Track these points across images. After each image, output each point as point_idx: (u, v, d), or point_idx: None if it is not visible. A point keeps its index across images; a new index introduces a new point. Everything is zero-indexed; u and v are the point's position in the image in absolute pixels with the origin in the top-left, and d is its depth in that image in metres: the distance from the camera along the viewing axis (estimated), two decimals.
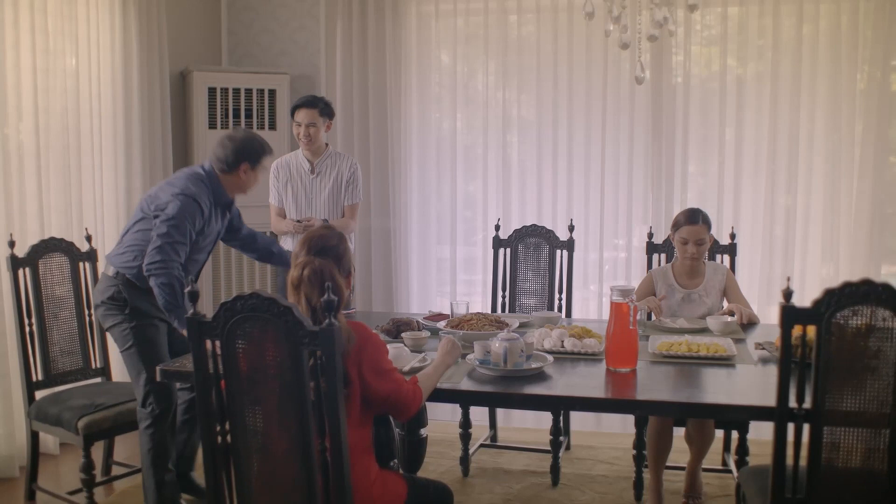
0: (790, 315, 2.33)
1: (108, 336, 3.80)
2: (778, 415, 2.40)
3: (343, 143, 6.01)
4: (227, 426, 2.26)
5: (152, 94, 5.31)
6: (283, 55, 6.15)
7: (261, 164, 3.65)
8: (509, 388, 2.71)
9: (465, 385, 2.75)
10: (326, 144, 4.80)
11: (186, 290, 2.23)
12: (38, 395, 3.85)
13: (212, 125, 5.67)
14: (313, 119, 4.65)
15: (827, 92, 5.29)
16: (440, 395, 2.71)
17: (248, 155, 3.60)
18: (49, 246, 3.97)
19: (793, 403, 2.39)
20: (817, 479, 2.42)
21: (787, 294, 2.35)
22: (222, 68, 5.97)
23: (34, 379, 3.83)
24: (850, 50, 5.23)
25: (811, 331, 2.37)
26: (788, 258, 5.38)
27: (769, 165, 5.40)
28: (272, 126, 5.84)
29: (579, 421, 4.92)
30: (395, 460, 3.30)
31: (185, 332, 3.07)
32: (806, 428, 2.40)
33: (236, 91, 5.72)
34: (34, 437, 3.84)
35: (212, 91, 5.66)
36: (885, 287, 2.28)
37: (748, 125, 5.45)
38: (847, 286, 2.29)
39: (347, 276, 2.55)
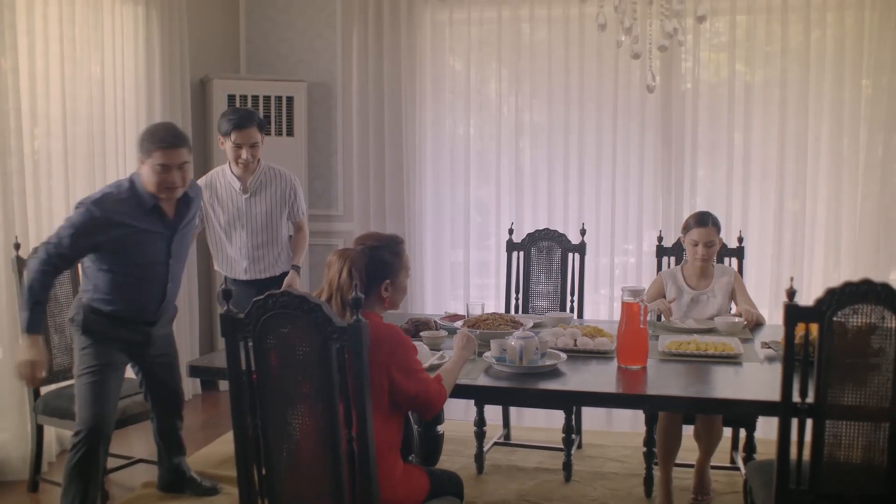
0: (793, 313, 2.45)
1: None
2: (782, 409, 2.51)
3: (359, 150, 6.15)
4: (258, 419, 2.38)
5: (174, 101, 5.46)
6: (300, 63, 6.29)
7: (151, 157, 3.38)
8: (525, 384, 2.83)
9: (483, 381, 2.88)
10: (258, 160, 4.34)
11: (220, 287, 2.36)
12: (42, 391, 4.01)
13: None
14: (254, 138, 4.21)
15: (834, 98, 5.40)
16: (459, 391, 2.83)
17: (140, 147, 3.44)
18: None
19: (796, 399, 2.51)
20: (820, 471, 2.53)
21: (791, 293, 2.46)
22: (241, 76, 6.12)
23: None
24: (855, 57, 5.34)
25: (814, 329, 2.49)
26: (796, 262, 5.50)
27: (777, 170, 5.51)
28: (290, 132, 5.98)
29: (590, 420, 5.03)
30: (413, 455, 3.42)
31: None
32: (809, 424, 2.52)
33: (255, 98, 5.87)
34: (39, 431, 4.03)
35: (231, 98, 5.80)
36: (884, 286, 2.39)
37: (756, 130, 5.56)
38: (847, 285, 2.40)
39: (388, 281, 2.65)
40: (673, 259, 4.48)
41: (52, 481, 4.09)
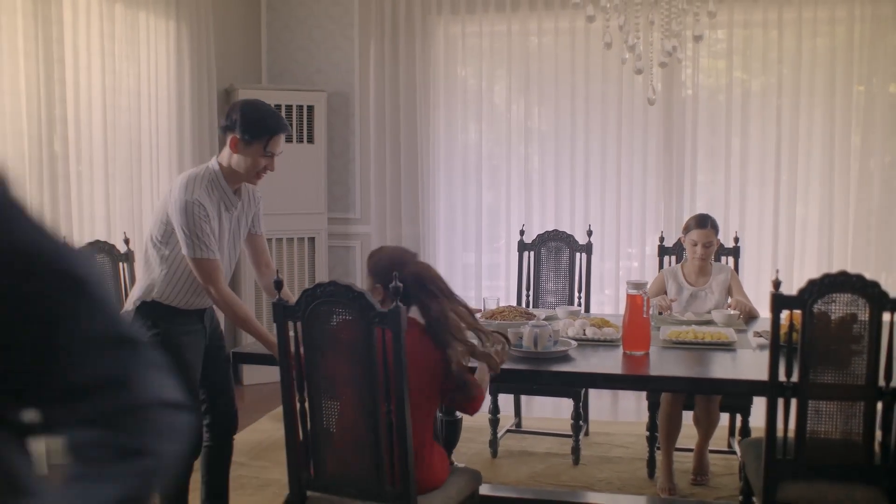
0: (779, 301, 2.76)
1: None
2: (769, 388, 2.83)
3: (375, 156, 6.47)
4: (305, 397, 2.70)
5: (201, 109, 5.79)
6: (319, 73, 6.62)
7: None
8: (540, 367, 3.15)
9: (502, 365, 3.19)
10: None
11: (274, 278, 2.69)
12: None
13: None
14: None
15: (828, 104, 5.72)
16: None
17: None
18: (94, 247, 4.44)
19: (783, 378, 2.82)
20: (803, 444, 2.84)
21: (776, 283, 2.78)
22: (264, 86, 6.45)
23: None
24: (846, 66, 5.66)
25: (797, 317, 2.81)
26: (791, 262, 5.81)
27: (773, 174, 5.83)
28: (310, 140, 6.29)
29: (596, 411, 5.35)
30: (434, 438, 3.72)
31: None
32: (794, 403, 2.83)
33: (277, 107, 6.16)
34: None
35: None
36: (859, 277, 2.70)
37: (753, 136, 5.89)
38: (826, 276, 2.72)
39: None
40: (674, 258, 4.79)
41: None
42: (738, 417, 4.27)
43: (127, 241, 4.62)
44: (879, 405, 2.81)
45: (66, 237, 1.01)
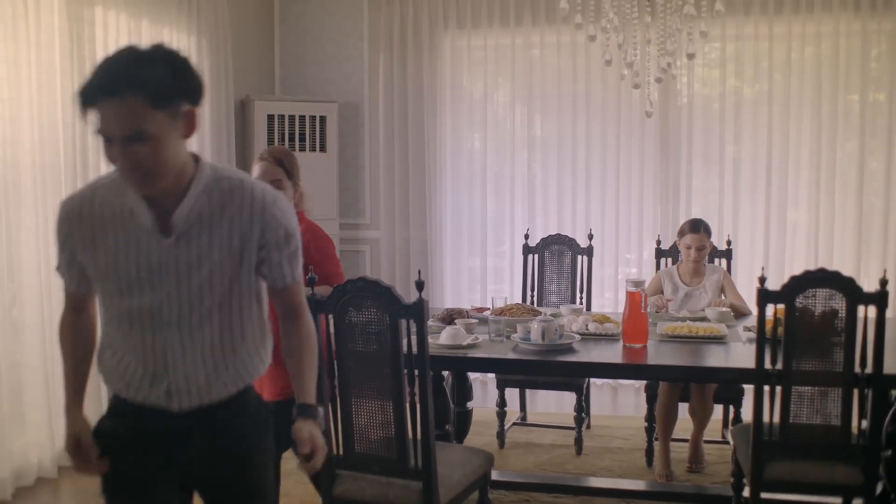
0: (764, 296, 3.05)
1: None
2: (756, 375, 3.11)
3: (384, 164, 6.76)
4: (336, 381, 2.98)
5: (220, 120, 6.07)
6: (330, 84, 6.91)
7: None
8: (547, 358, 3.44)
9: (512, 356, 3.48)
10: None
11: (307, 275, 2.96)
12: None
13: None
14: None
15: (816, 113, 6.02)
16: (493, 364, 3.45)
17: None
18: None
19: (768, 366, 3.11)
20: (787, 426, 3.12)
21: (762, 280, 3.07)
22: (279, 97, 6.74)
23: None
24: (833, 76, 5.97)
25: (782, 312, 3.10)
26: (781, 263, 6.10)
27: (765, 179, 6.13)
28: (322, 149, 6.58)
29: (598, 405, 5.64)
30: (449, 426, 4.00)
31: None
32: (779, 391, 3.12)
33: (291, 118, 6.48)
34: None
35: (270, 118, 6.41)
36: (836, 274, 3.00)
37: (746, 142, 6.19)
38: (807, 273, 3.01)
39: None
40: (670, 260, 5.07)
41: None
42: (731, 409, 4.56)
43: None
44: (856, 391, 3.11)
45: None
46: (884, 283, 3.00)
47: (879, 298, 2.99)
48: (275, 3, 6.99)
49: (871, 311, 3.02)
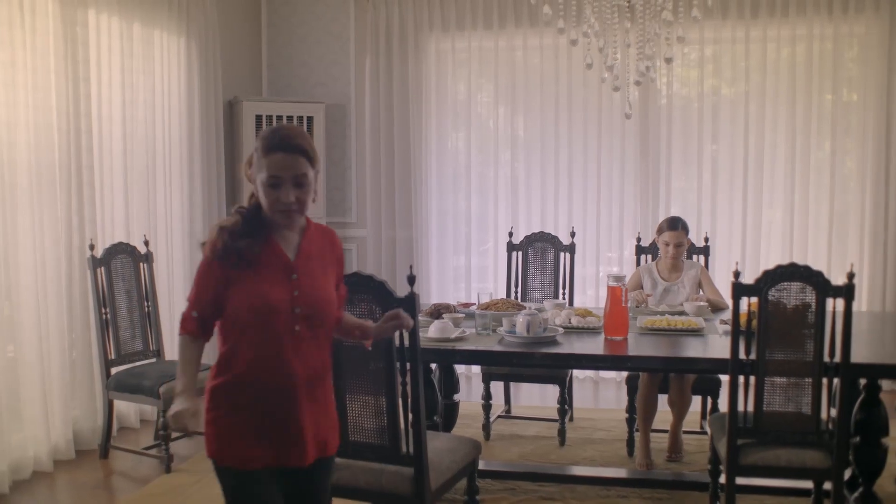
0: (738, 289, 3.21)
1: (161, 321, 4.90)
2: (731, 365, 3.27)
3: (371, 164, 6.90)
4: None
5: (209, 120, 6.18)
6: (318, 86, 7.03)
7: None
8: (531, 350, 3.58)
9: (498, 348, 3.62)
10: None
11: None
12: (112, 370, 4.76)
13: None
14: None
15: (790, 114, 6.21)
16: (480, 357, 3.58)
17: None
18: (118, 249, 4.87)
19: (742, 356, 3.26)
20: (761, 413, 3.28)
21: (736, 274, 3.22)
22: (267, 98, 6.86)
23: (109, 357, 4.76)
24: (807, 78, 6.15)
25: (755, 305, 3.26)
26: (756, 259, 6.28)
27: (742, 179, 6.31)
28: None
29: (580, 399, 5.80)
30: (437, 417, 4.14)
31: None
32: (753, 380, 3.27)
33: (279, 118, 6.59)
34: (110, 405, 4.78)
35: (258, 118, 6.53)
36: (806, 268, 3.16)
37: (723, 142, 6.37)
38: (779, 267, 3.17)
39: None
40: (650, 257, 5.23)
41: (122, 448, 4.83)
42: (709, 401, 4.73)
43: (147, 243, 5.04)
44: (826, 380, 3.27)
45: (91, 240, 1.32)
46: (851, 276, 3.16)
47: (847, 291, 3.15)
48: (262, 6, 7.10)
49: (840, 304, 3.18)
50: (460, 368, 5.90)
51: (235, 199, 6.55)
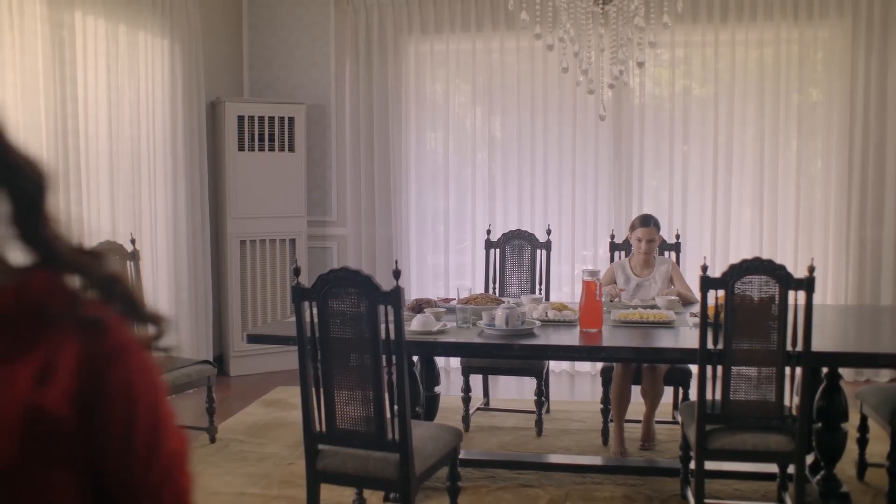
0: (706, 283, 3.39)
1: None
2: (700, 354, 3.44)
3: (351, 164, 7.03)
4: (319, 364, 3.25)
5: (191, 121, 6.29)
6: (298, 87, 7.16)
7: None
8: (510, 341, 3.74)
9: (478, 340, 3.78)
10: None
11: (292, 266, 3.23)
12: None
13: (240, 148, 6.65)
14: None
15: (759, 114, 6.42)
16: (461, 349, 3.74)
17: None
18: (104, 247, 4.96)
19: (710, 346, 3.44)
20: (727, 400, 3.46)
21: (704, 268, 3.40)
22: (249, 99, 6.97)
23: None
24: (775, 80, 6.37)
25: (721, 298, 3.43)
26: (726, 256, 6.47)
27: (712, 177, 6.51)
28: (291, 149, 6.82)
29: (556, 391, 5.96)
30: (419, 408, 4.28)
31: None
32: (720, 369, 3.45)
33: (261, 118, 6.71)
34: None
35: (240, 119, 6.64)
36: (770, 262, 3.34)
37: (695, 142, 6.58)
38: (744, 261, 3.35)
39: None
40: (623, 253, 5.41)
41: None
42: (681, 391, 4.91)
43: (133, 241, 5.15)
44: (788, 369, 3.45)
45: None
46: (811, 269, 3.35)
47: (807, 284, 3.33)
48: (244, 8, 7.22)
49: (802, 296, 3.37)
50: (440, 362, 6.03)
51: (218, 198, 6.66)
